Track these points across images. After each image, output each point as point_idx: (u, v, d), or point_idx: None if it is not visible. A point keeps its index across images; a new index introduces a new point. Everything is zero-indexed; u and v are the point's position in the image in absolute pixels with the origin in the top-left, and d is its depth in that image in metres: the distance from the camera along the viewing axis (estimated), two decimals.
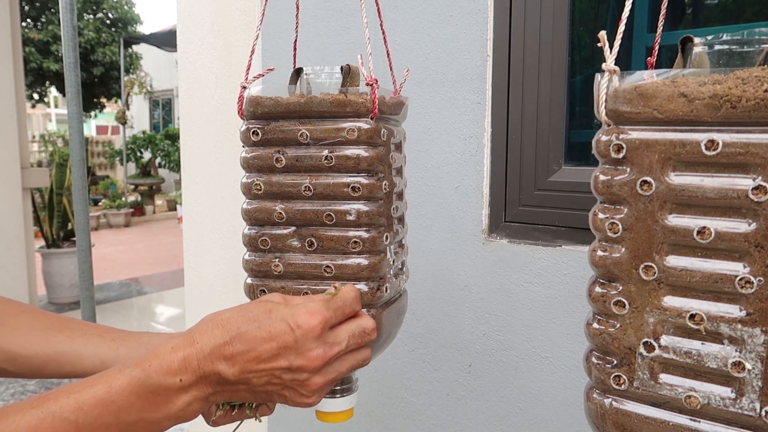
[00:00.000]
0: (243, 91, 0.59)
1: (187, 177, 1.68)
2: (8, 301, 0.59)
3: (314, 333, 0.48)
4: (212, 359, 0.46)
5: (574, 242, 0.96)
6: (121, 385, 0.43)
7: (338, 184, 0.57)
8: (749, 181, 0.36)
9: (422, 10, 1.10)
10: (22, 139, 3.44)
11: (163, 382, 0.44)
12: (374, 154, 0.57)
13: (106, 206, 8.66)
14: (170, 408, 0.45)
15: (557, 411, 1.00)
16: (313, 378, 0.49)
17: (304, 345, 0.47)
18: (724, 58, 0.42)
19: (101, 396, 0.42)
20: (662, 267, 0.40)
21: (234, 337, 0.46)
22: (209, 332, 0.47)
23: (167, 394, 0.44)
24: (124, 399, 0.43)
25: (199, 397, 0.46)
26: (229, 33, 1.50)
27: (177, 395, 0.45)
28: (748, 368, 0.37)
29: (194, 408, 0.46)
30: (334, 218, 0.57)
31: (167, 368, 0.45)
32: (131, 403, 0.43)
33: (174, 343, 0.46)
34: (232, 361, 0.46)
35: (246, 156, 0.60)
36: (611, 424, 0.43)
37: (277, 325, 0.47)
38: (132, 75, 11.07)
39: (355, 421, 1.30)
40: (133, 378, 0.43)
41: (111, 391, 0.43)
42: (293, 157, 0.58)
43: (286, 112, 0.58)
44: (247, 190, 0.60)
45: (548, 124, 0.99)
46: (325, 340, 0.49)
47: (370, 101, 0.56)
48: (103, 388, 0.43)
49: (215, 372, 0.46)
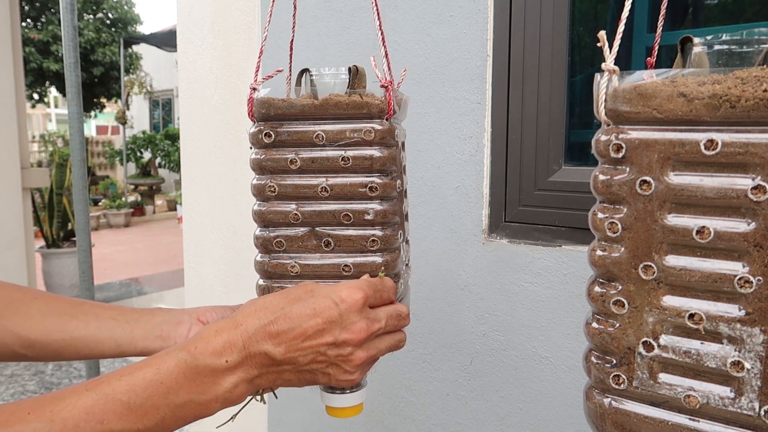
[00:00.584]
0: (252, 93, 0.59)
1: (187, 177, 1.68)
2: (21, 288, 0.60)
3: (357, 306, 0.49)
4: (258, 339, 0.47)
5: (574, 242, 0.96)
6: (169, 367, 0.44)
7: (355, 184, 0.58)
8: (748, 181, 0.36)
9: (422, 10, 1.11)
10: (22, 139, 3.44)
11: (209, 364, 0.45)
12: (388, 154, 0.58)
13: (106, 206, 8.66)
14: (217, 389, 0.45)
15: (557, 411, 1.00)
16: (357, 352, 0.50)
17: (348, 318, 0.49)
18: (724, 58, 0.42)
19: (151, 378, 0.43)
20: (661, 266, 0.40)
21: (279, 317, 0.48)
22: (253, 314, 0.48)
23: (213, 375, 0.45)
24: (172, 380, 0.44)
25: (245, 378, 0.47)
26: (229, 33, 1.50)
27: (223, 376, 0.46)
28: (747, 368, 0.37)
29: (240, 390, 0.47)
30: (352, 218, 0.58)
31: (212, 350, 0.45)
32: (179, 384, 0.44)
33: (218, 327, 0.48)
34: (278, 339, 0.47)
35: (258, 158, 0.60)
36: (611, 423, 0.43)
37: (321, 302, 0.49)
38: (132, 75, 11.07)
39: (356, 421, 1.30)
40: (180, 360, 0.45)
41: (159, 373, 0.44)
42: (308, 159, 0.59)
43: (301, 114, 0.58)
44: (259, 191, 0.61)
45: (548, 124, 0.99)
46: (367, 316, 0.51)
47: (386, 102, 0.57)
48: (152, 370, 0.44)
49: (261, 352, 0.47)
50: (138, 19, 11.67)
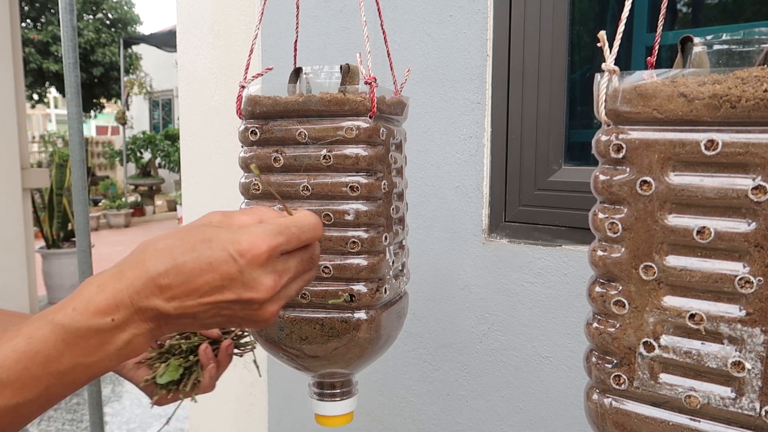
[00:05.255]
0: (242, 91, 0.59)
1: (187, 177, 1.68)
2: None
3: (260, 260, 0.42)
4: (146, 294, 0.41)
5: (574, 242, 0.96)
6: (44, 335, 0.40)
7: (337, 184, 0.57)
8: (749, 181, 0.36)
9: (422, 10, 1.10)
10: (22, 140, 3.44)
11: (92, 325, 0.40)
12: (373, 154, 0.57)
13: (106, 207, 8.66)
14: (108, 349, 0.41)
15: (557, 411, 1.00)
16: (266, 306, 0.44)
17: (250, 275, 0.42)
18: (724, 58, 0.42)
19: (22, 349, 0.39)
20: (662, 267, 0.40)
21: (170, 268, 0.41)
22: (140, 264, 0.42)
23: (100, 336, 0.40)
24: (50, 348, 0.39)
25: (138, 333, 0.42)
26: (228, 33, 1.50)
27: (112, 335, 0.41)
28: (747, 368, 0.37)
29: (138, 344, 0.42)
30: (333, 218, 0.57)
31: (95, 309, 0.40)
32: (59, 351, 0.40)
33: (100, 281, 0.42)
34: (169, 294, 0.41)
35: (244, 156, 0.60)
36: (611, 423, 0.43)
37: (218, 255, 0.42)
38: (132, 75, 11.07)
39: (355, 421, 1.29)
40: (56, 325, 0.40)
41: (32, 342, 0.39)
42: (291, 157, 0.58)
43: (285, 111, 0.58)
44: (245, 190, 0.60)
45: (548, 124, 0.99)
46: (274, 268, 0.44)
47: (369, 100, 0.56)
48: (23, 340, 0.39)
49: (151, 307, 0.41)
50: (138, 20, 11.67)
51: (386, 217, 0.60)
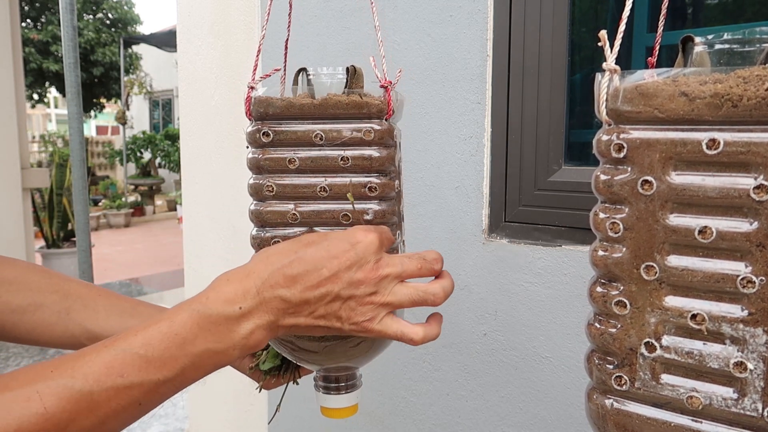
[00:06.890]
0: (250, 92, 0.59)
1: (187, 177, 1.68)
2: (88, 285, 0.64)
3: (373, 247, 0.49)
4: (272, 284, 0.47)
5: (574, 242, 0.96)
6: (183, 319, 0.45)
7: (355, 184, 0.58)
8: (751, 181, 0.36)
9: (422, 10, 1.10)
10: (22, 140, 3.44)
11: (222, 312, 0.45)
12: (386, 155, 0.58)
13: (106, 206, 8.66)
14: (233, 337, 0.46)
15: (557, 411, 1.00)
16: (372, 294, 0.49)
17: (365, 258, 0.48)
18: (725, 58, 0.42)
19: (165, 331, 0.44)
20: (663, 267, 0.39)
21: (294, 260, 0.47)
22: (265, 260, 0.48)
23: (228, 323, 0.46)
24: (187, 331, 0.45)
25: (260, 324, 0.47)
26: (229, 33, 1.50)
27: (238, 323, 0.46)
28: (750, 368, 0.37)
29: (258, 337, 0.47)
30: (351, 218, 0.58)
31: (225, 298, 0.46)
32: (194, 334, 0.45)
33: (229, 275, 0.48)
34: (293, 282, 0.47)
35: (256, 157, 0.60)
36: (612, 424, 0.42)
37: (337, 244, 0.48)
38: (132, 75, 11.08)
39: (355, 421, 1.29)
40: (193, 311, 0.45)
41: (174, 325, 0.45)
42: (307, 159, 0.58)
43: (300, 113, 0.58)
44: (256, 191, 0.60)
45: (548, 124, 0.99)
46: (383, 257, 0.50)
47: (386, 102, 0.57)
48: (166, 324, 0.45)
49: (276, 297, 0.46)
50: (138, 20, 11.68)
51: (398, 215, 0.62)
